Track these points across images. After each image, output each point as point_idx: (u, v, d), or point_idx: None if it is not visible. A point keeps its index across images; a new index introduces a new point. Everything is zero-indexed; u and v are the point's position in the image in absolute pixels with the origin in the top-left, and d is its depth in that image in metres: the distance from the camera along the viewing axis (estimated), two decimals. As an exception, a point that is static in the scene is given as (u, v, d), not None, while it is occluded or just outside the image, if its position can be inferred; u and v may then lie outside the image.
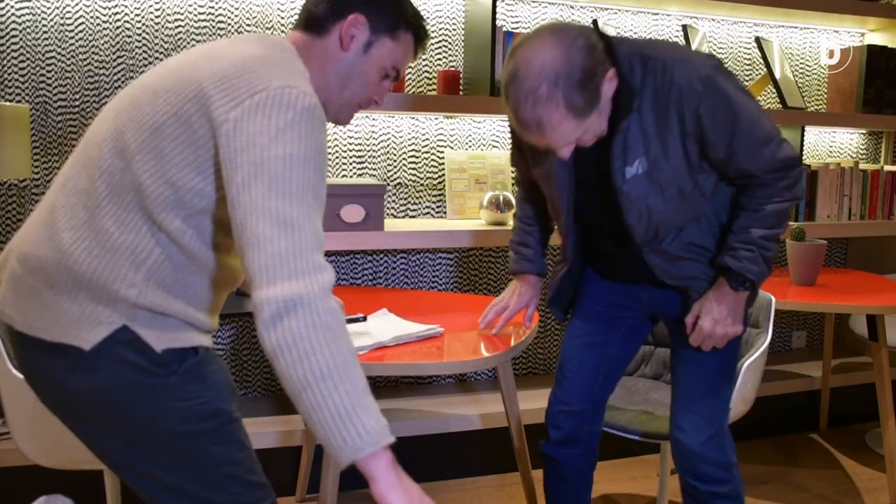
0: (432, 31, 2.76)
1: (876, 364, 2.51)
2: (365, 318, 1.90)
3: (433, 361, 1.76)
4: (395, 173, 2.78)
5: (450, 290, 2.89)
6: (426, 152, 2.80)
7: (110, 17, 2.43)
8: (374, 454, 1.08)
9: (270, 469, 2.38)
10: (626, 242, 1.65)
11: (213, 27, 2.52)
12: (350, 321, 1.87)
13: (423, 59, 2.75)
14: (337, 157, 2.71)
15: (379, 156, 2.75)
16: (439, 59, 2.77)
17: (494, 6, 2.49)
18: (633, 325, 1.82)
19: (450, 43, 2.78)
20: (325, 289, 1.10)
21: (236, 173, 1.14)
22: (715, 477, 1.70)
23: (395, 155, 2.77)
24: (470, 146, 2.85)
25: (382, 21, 1.32)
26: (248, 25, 2.55)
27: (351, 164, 2.72)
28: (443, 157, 2.82)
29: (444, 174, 2.82)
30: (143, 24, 2.46)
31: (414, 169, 2.79)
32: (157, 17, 2.47)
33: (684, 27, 2.85)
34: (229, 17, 2.54)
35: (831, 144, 3.41)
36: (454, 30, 2.78)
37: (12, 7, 2.35)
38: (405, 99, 2.51)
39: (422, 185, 2.81)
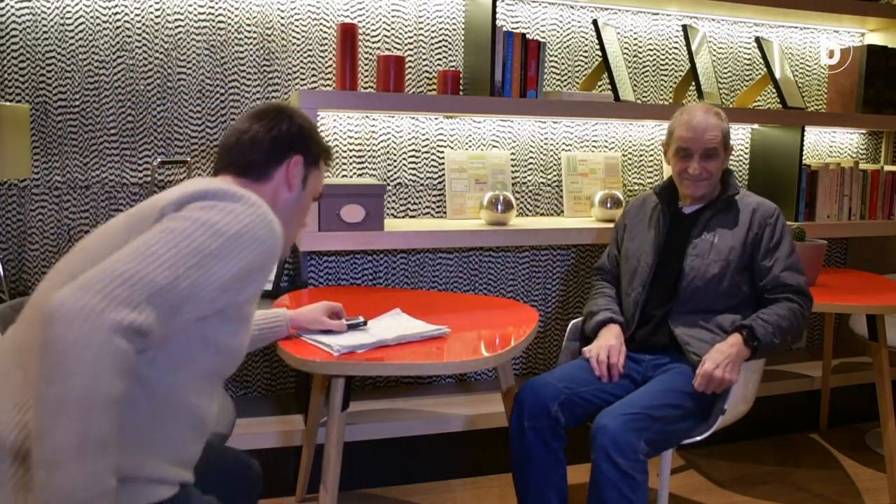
0: (432, 31, 2.76)
1: (876, 364, 2.51)
2: (366, 323, 1.90)
3: (433, 361, 1.76)
4: (395, 173, 2.77)
5: (450, 290, 2.89)
6: (426, 152, 2.80)
7: (110, 17, 2.43)
8: None
9: (270, 469, 2.38)
10: (670, 305, 2.09)
11: (213, 27, 2.52)
12: (351, 326, 1.87)
13: (424, 59, 2.75)
14: (337, 157, 2.71)
15: (379, 156, 2.75)
16: (439, 59, 2.77)
17: (494, 6, 2.49)
18: (625, 384, 2.07)
19: (450, 43, 2.78)
20: (124, 326, 0.99)
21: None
22: (620, 450, 1.75)
23: (395, 155, 2.77)
24: (470, 146, 2.85)
25: (312, 156, 1.45)
26: (248, 25, 2.56)
27: (351, 164, 2.72)
28: (443, 157, 2.82)
29: (444, 174, 2.82)
30: (143, 24, 2.46)
31: (414, 169, 2.79)
32: (157, 17, 2.47)
33: (684, 27, 2.85)
34: (229, 17, 2.54)
35: (831, 144, 3.41)
36: (454, 30, 2.78)
37: (12, 7, 2.35)
38: (405, 99, 2.51)
39: (422, 185, 2.81)
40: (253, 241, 1.15)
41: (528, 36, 2.67)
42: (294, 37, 2.61)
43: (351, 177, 2.72)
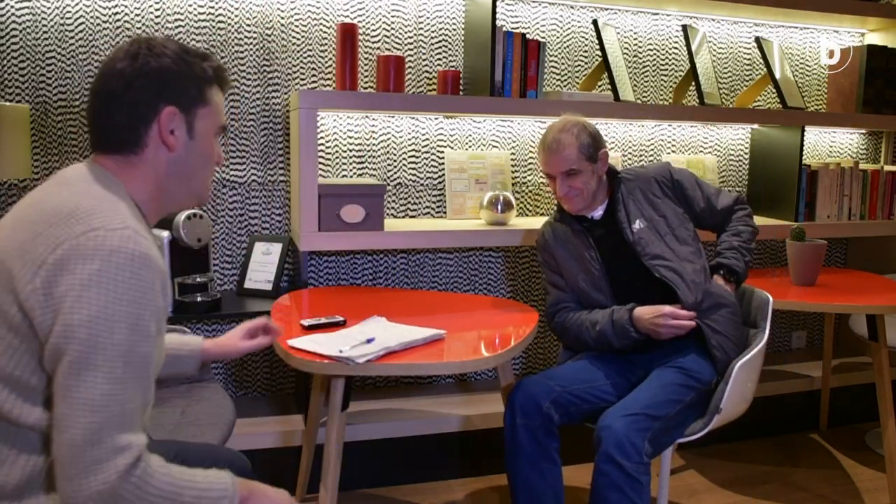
0: (432, 31, 2.76)
1: (876, 364, 2.51)
2: (345, 322, 1.91)
3: (433, 361, 1.76)
4: (395, 173, 2.78)
5: (450, 290, 2.89)
6: (426, 152, 2.80)
7: (110, 17, 2.43)
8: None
9: (270, 469, 2.38)
10: (649, 301, 2.04)
11: (213, 27, 2.52)
12: (329, 324, 1.90)
13: (424, 59, 2.75)
14: (337, 157, 2.71)
15: (379, 156, 2.75)
16: (439, 59, 2.77)
17: (494, 6, 2.49)
18: (619, 383, 2.06)
19: (450, 43, 2.78)
20: (124, 471, 1.00)
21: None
22: (625, 452, 1.75)
23: (395, 155, 2.77)
24: (470, 146, 2.85)
25: (190, 96, 1.18)
26: (248, 25, 2.56)
27: (351, 164, 2.72)
28: (443, 157, 2.82)
29: (444, 174, 2.82)
30: (143, 24, 2.46)
31: (414, 169, 2.79)
32: (157, 17, 2.47)
33: (684, 27, 2.85)
34: (229, 17, 2.54)
35: (831, 144, 3.41)
36: (454, 30, 2.78)
37: (12, 7, 2.35)
38: (405, 99, 2.51)
39: (422, 185, 2.81)
40: (145, 292, 1.04)
41: (528, 36, 2.67)
42: (294, 37, 2.61)
43: (351, 177, 2.72)
